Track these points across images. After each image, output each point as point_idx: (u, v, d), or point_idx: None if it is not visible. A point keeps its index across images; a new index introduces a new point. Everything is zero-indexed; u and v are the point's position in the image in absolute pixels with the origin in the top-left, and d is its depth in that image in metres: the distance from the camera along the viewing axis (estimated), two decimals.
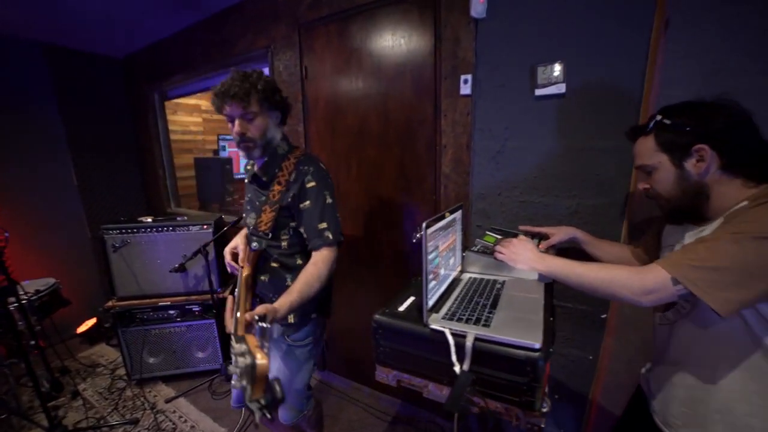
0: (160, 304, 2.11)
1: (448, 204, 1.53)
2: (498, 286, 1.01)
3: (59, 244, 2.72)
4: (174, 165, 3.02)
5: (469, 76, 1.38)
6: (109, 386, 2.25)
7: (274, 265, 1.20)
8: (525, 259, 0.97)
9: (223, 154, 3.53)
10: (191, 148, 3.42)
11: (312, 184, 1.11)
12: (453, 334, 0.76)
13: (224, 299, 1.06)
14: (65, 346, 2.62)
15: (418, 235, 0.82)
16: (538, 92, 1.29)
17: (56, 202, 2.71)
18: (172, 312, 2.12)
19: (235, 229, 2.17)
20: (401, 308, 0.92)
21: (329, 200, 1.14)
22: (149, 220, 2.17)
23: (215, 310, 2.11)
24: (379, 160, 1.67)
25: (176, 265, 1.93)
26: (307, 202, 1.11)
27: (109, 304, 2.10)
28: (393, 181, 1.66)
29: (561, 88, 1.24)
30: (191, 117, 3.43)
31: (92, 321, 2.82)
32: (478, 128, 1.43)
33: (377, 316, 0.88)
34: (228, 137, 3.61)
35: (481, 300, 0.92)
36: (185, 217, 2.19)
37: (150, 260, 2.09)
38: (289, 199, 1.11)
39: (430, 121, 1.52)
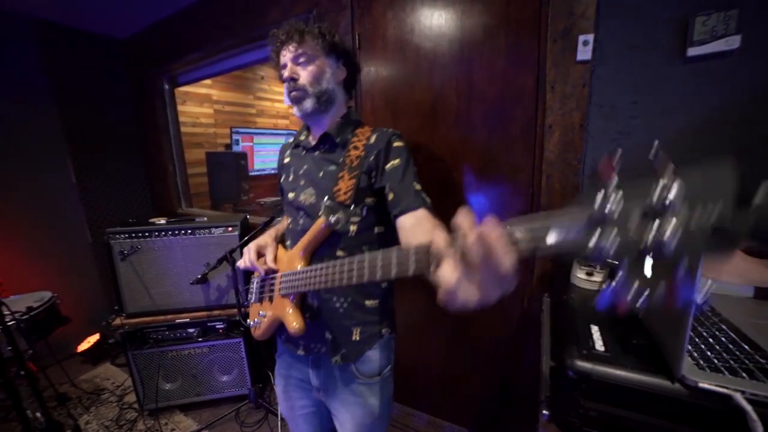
0: (177, 321, 1.78)
1: (550, 198, 1.22)
2: (707, 308, 0.70)
3: (56, 250, 2.38)
4: (185, 160, 2.68)
5: (590, 37, 1.07)
6: (117, 417, 1.91)
7: (341, 254, 0.90)
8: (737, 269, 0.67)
9: (236, 149, 3.20)
10: (201, 142, 3.08)
11: (400, 143, 0.90)
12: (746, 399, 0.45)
13: None
14: (62, 368, 2.30)
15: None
16: (693, 51, 0.98)
17: (52, 202, 2.37)
18: (191, 330, 1.80)
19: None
20: (598, 347, 0.61)
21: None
22: (162, 221, 1.84)
23: (243, 327, 1.78)
24: (458, 146, 1.35)
25: (198, 276, 1.60)
26: (397, 161, 0.88)
27: (117, 322, 1.76)
28: (476, 171, 1.35)
29: (732, 43, 0.94)
30: (202, 108, 3.09)
31: (95, 337, 2.48)
32: (595, 103, 1.12)
33: (579, 363, 0.57)
34: (242, 130, 3.28)
35: (711, 331, 0.61)
36: (204, 218, 1.86)
37: (165, 269, 1.76)
38: (371, 159, 0.89)
39: (530, 96, 1.21)
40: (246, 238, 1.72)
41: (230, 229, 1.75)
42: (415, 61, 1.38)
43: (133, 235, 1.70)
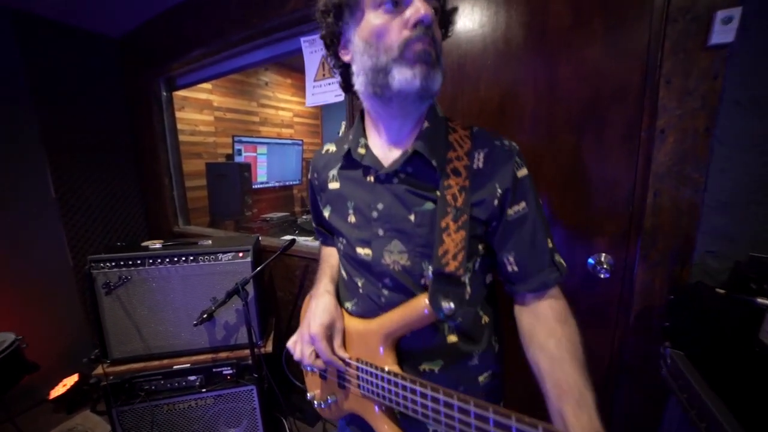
0: (175, 367, 1.46)
1: (658, 219, 0.96)
2: None
3: (28, 277, 2.04)
4: (183, 172, 2.38)
5: (734, 12, 0.83)
6: None
7: (453, 339, 0.64)
8: None
9: (239, 159, 2.91)
10: (201, 151, 2.79)
11: (524, 172, 0.63)
12: None
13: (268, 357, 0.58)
14: (30, 418, 1.95)
15: None
16: None
17: (25, 220, 2.03)
18: (192, 378, 1.48)
19: (292, 261, 1.55)
20: None
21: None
22: (158, 245, 1.54)
23: (257, 373, 1.47)
24: (534, 154, 1.09)
25: (202, 316, 1.30)
26: (522, 205, 0.62)
27: (99, 371, 1.44)
28: (557, 184, 1.09)
29: None
30: (201, 114, 2.81)
31: (72, 379, 2.13)
32: (730, 100, 0.88)
33: None
34: (245, 139, 2.99)
35: None
36: (208, 242, 1.56)
37: (160, 305, 1.45)
38: (488, 198, 0.61)
39: (634, 94, 0.96)
40: (260, 267, 1.43)
41: (241, 254, 1.45)
42: (482, 51, 1.13)
43: (122, 263, 1.39)
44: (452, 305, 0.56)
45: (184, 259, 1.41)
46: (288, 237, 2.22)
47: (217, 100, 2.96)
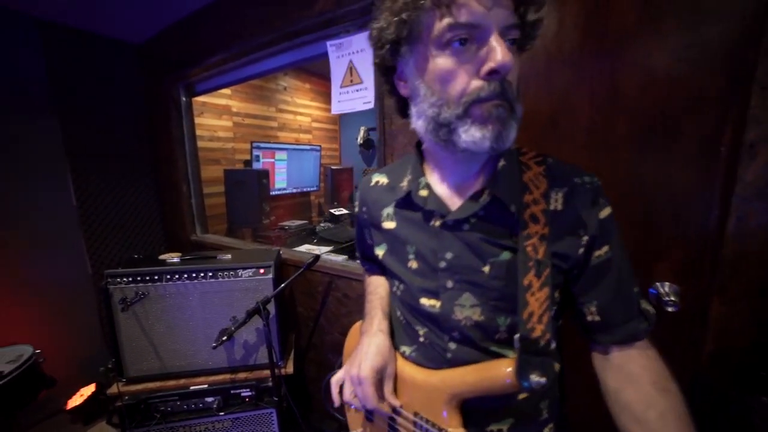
0: (192, 388, 1.39)
1: (740, 247, 0.83)
2: None
3: (47, 285, 2.02)
4: (201, 179, 2.34)
5: None
6: None
7: (522, 396, 0.56)
8: None
9: (257, 165, 2.86)
10: (219, 158, 2.75)
11: (608, 211, 0.54)
12: None
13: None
14: (46, 430, 1.92)
15: None
16: None
17: (46, 228, 2.01)
18: (209, 400, 1.41)
19: (314, 276, 1.46)
20: None
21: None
22: (175, 258, 1.48)
23: (276, 396, 1.39)
24: (588, 170, 0.97)
25: (222, 337, 1.22)
26: (606, 249, 0.53)
27: (114, 390, 1.38)
28: (615, 205, 0.96)
29: None
30: (220, 120, 2.76)
31: (89, 389, 2.09)
32: None
33: None
34: (263, 145, 2.94)
35: None
36: (228, 256, 1.49)
37: (178, 322, 1.38)
38: (570, 247, 0.53)
39: (713, 102, 0.84)
40: (282, 286, 1.34)
41: (262, 271, 1.37)
42: (530, 57, 1.02)
43: (139, 278, 1.33)
44: (543, 380, 0.47)
45: (203, 275, 1.34)
46: (305, 248, 2.15)
47: (236, 106, 2.92)
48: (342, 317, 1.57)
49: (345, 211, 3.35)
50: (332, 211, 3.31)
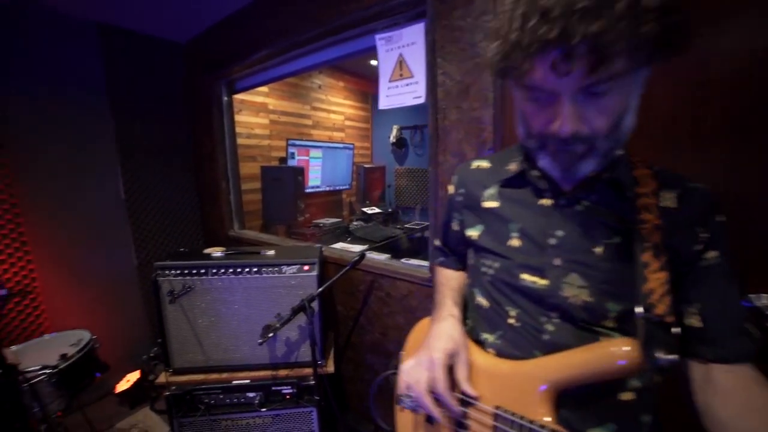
0: (234, 382, 1.40)
1: None
2: None
3: (98, 275, 2.10)
4: (239, 176, 2.37)
5: None
6: None
7: (627, 397, 0.51)
8: None
9: (291, 163, 2.88)
10: (255, 154, 2.78)
11: (723, 218, 0.52)
12: None
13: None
14: (98, 409, 2.01)
15: None
16: None
17: (97, 220, 2.10)
18: (251, 395, 1.41)
19: (356, 275, 1.42)
20: None
21: None
22: (219, 253, 1.49)
23: (318, 395, 1.37)
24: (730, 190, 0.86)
25: (269, 334, 1.20)
26: (716, 253, 0.50)
27: (162, 379, 1.41)
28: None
29: None
30: (257, 117, 2.80)
31: (135, 375, 2.17)
32: None
33: None
34: (299, 142, 2.96)
35: None
36: (271, 252, 1.49)
37: (222, 316, 1.39)
38: (685, 243, 0.50)
39: None
40: (328, 283, 1.32)
41: (306, 267, 1.36)
42: None
43: (186, 271, 1.35)
44: (674, 357, 0.46)
45: (247, 270, 1.34)
46: (339, 246, 2.13)
47: (272, 103, 2.95)
48: (384, 317, 1.53)
49: (377, 210, 3.33)
50: (364, 209, 3.30)
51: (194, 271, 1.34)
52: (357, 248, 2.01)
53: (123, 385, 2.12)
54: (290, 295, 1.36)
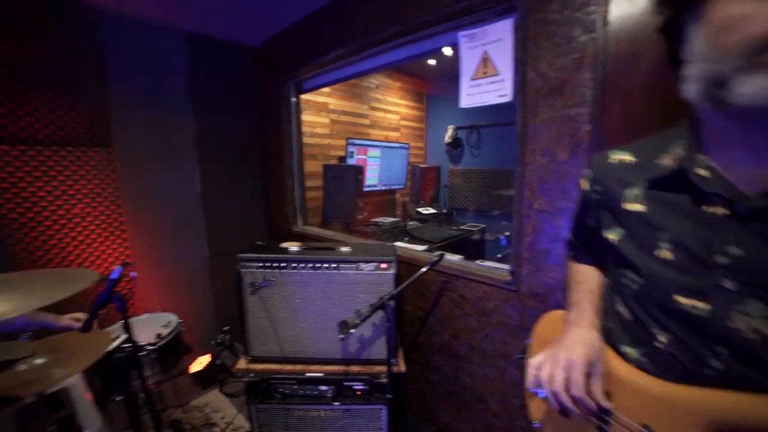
0: (308, 375, 1.44)
1: None
2: None
3: (176, 263, 2.27)
4: (304, 173, 2.45)
5: None
6: None
7: None
8: None
9: (350, 161, 2.93)
10: (316, 153, 2.86)
11: None
12: None
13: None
14: (176, 385, 2.17)
15: None
16: None
17: (176, 212, 2.27)
18: (324, 388, 1.44)
19: (428, 275, 1.39)
20: None
21: None
22: (295, 247, 1.53)
23: (390, 393, 1.37)
24: None
25: (350, 330, 1.22)
26: None
27: (242, 365, 1.48)
28: None
29: None
30: (319, 117, 2.88)
31: (206, 358, 2.32)
32: None
33: None
34: (358, 141, 3.00)
35: None
36: (347, 248, 1.51)
37: (299, 309, 1.43)
38: None
39: None
40: (408, 281, 1.32)
41: (384, 265, 1.36)
42: None
43: (267, 264, 1.40)
44: None
45: (326, 266, 1.37)
46: (397, 245, 2.12)
47: (333, 103, 3.01)
48: (455, 319, 1.50)
49: (432, 210, 3.29)
50: (419, 209, 3.28)
51: (275, 264, 1.40)
52: (417, 248, 2.00)
53: (196, 367, 2.27)
54: (366, 292, 1.37)
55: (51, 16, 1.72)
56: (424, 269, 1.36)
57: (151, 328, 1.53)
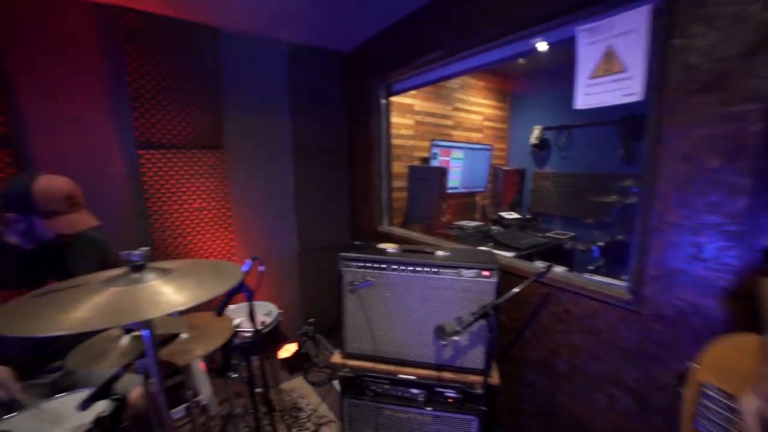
0: (400, 376, 1.45)
1: None
2: None
3: (270, 257, 2.46)
4: (391, 174, 2.49)
5: None
6: None
7: None
8: None
9: (434, 163, 2.90)
10: (400, 154, 2.88)
11: None
12: None
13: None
14: (268, 367, 2.36)
15: None
16: None
17: (272, 209, 2.46)
18: (415, 392, 1.44)
19: (528, 286, 1.31)
20: None
21: None
22: (392, 249, 1.55)
23: (485, 405, 1.32)
24: None
25: (452, 337, 1.19)
26: None
27: (337, 359, 1.54)
28: None
29: None
30: (404, 118, 2.90)
31: (293, 346, 2.47)
32: None
33: None
34: (441, 143, 2.97)
35: None
36: (445, 252, 1.48)
37: (395, 310, 1.45)
38: None
39: None
40: (513, 291, 1.26)
41: (487, 273, 1.31)
42: None
43: (368, 264, 1.44)
44: None
45: (426, 269, 1.37)
46: (484, 248, 2.04)
47: (418, 104, 3.02)
48: (556, 334, 1.40)
49: (515, 216, 3.13)
50: (502, 214, 3.14)
51: (375, 265, 1.43)
52: (504, 254, 1.90)
53: (284, 353, 2.44)
54: (465, 299, 1.34)
55: (194, 43, 1.99)
56: (530, 280, 1.28)
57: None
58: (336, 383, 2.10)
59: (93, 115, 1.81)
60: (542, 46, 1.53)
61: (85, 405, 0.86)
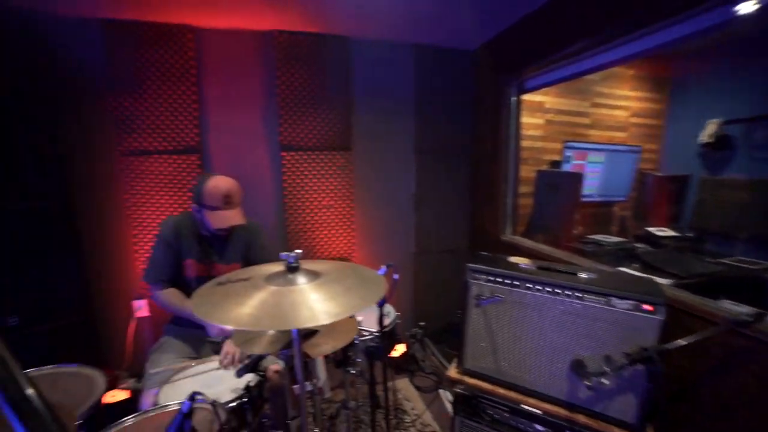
0: (523, 406, 1.30)
1: None
2: None
3: (387, 257, 2.52)
4: (519, 178, 2.29)
5: None
6: None
7: None
8: None
9: (566, 167, 2.57)
10: (527, 157, 2.64)
11: None
12: None
13: None
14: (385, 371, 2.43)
15: None
16: None
17: (392, 209, 2.52)
18: (540, 428, 1.27)
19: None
20: None
21: None
22: (526, 264, 1.39)
23: None
24: None
25: (589, 374, 1.01)
26: None
27: (453, 373, 1.47)
28: None
29: None
30: (532, 118, 2.64)
31: (402, 347, 2.50)
32: None
33: None
34: (577, 145, 2.61)
35: None
36: (591, 275, 1.27)
37: (524, 333, 1.30)
38: None
39: None
40: (692, 338, 1.00)
41: (648, 307, 1.07)
42: None
43: (498, 279, 1.33)
44: None
45: (568, 292, 1.19)
46: (625, 269, 1.67)
47: (549, 102, 2.72)
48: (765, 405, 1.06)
49: (671, 233, 2.56)
50: (651, 230, 2.60)
51: (506, 281, 1.31)
52: (658, 281, 1.53)
53: (393, 353, 2.48)
54: (614, 335, 1.12)
55: (327, 54, 2.16)
56: (722, 328, 0.99)
57: (373, 315, 1.71)
58: (445, 394, 2.04)
59: (252, 123, 2.12)
60: (747, 6, 1.16)
61: (240, 373, 1.06)
